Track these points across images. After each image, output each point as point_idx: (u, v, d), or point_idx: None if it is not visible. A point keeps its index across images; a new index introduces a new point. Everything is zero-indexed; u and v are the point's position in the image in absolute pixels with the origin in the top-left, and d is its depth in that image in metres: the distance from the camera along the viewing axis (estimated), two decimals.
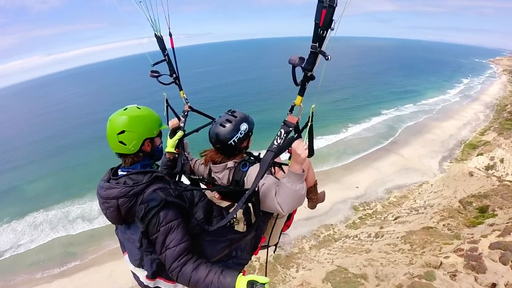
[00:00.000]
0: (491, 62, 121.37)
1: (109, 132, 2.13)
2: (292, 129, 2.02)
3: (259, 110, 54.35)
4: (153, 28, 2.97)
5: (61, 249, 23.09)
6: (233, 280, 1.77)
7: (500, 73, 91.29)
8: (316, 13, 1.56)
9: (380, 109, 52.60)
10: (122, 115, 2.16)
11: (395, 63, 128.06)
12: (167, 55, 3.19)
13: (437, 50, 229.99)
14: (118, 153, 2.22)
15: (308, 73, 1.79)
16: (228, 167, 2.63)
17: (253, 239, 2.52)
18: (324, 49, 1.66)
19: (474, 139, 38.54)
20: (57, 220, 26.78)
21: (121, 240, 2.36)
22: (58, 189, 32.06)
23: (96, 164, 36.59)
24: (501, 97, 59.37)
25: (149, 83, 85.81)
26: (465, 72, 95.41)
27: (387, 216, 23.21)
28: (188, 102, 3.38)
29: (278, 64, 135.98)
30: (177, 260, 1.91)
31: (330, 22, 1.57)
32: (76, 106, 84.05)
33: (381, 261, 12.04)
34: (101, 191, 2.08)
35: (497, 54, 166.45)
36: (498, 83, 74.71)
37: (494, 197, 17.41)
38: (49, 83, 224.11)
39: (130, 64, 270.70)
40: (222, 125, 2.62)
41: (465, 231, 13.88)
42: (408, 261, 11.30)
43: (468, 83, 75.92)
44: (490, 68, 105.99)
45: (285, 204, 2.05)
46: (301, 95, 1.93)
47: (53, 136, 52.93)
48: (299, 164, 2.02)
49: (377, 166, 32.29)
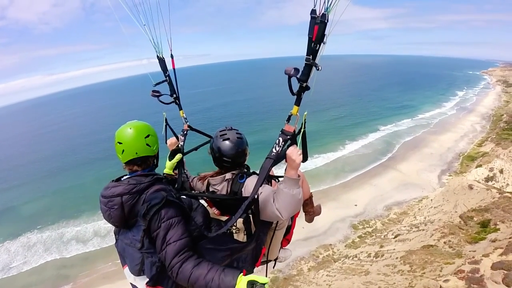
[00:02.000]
0: (484, 73, 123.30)
1: (133, 137, 2.29)
2: (289, 137, 2.06)
3: (256, 130, 54.30)
4: (155, 50, 3.07)
5: (54, 272, 22.77)
6: (234, 279, 1.76)
7: (494, 83, 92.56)
8: (310, 29, 1.66)
9: (377, 125, 52.63)
10: (141, 123, 2.39)
11: (391, 79, 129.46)
12: (168, 76, 3.27)
13: (432, 64, 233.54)
14: (139, 158, 2.34)
15: (303, 83, 1.86)
16: (227, 179, 2.66)
17: (254, 250, 2.54)
18: (317, 61, 1.75)
19: (472, 150, 38.29)
20: (51, 241, 26.45)
21: (121, 251, 2.33)
22: (53, 210, 31.70)
23: (91, 186, 36.23)
24: (497, 107, 59.72)
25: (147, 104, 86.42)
26: (460, 84, 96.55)
27: (387, 234, 22.61)
28: (187, 121, 3.44)
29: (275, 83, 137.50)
30: (177, 256, 1.93)
31: (323, 37, 1.67)
32: (74, 126, 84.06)
33: (379, 285, 11.38)
34: (105, 192, 2.16)
35: (490, 65, 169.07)
36: (492, 94, 75.49)
37: (495, 210, 16.88)
38: (49, 103, 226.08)
39: (129, 85, 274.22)
40: (236, 138, 2.71)
41: (466, 248, 13.27)
42: (408, 284, 10.65)
43: (463, 95, 76.71)
44: (484, 79, 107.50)
45: (284, 209, 2.11)
46: (297, 104, 1.99)
47: (50, 157, 52.80)
48: (294, 169, 2.08)
49: (376, 183, 31.81)
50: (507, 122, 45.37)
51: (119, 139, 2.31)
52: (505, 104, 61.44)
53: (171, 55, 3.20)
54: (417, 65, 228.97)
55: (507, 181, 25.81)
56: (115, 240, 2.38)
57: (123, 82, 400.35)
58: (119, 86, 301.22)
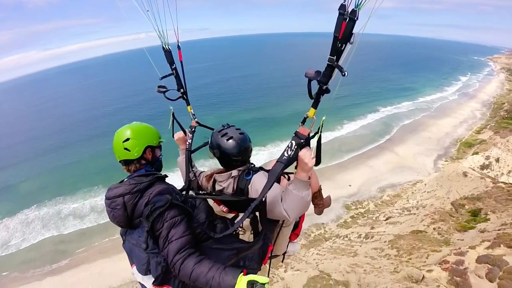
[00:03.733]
0: (489, 60, 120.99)
1: (115, 141, 2.40)
2: (303, 141, 2.00)
3: (253, 108, 54.34)
4: (161, 41, 2.94)
5: (52, 247, 23.13)
6: (234, 278, 1.75)
7: (498, 71, 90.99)
8: (336, 26, 1.52)
9: (377, 106, 52.19)
10: (127, 127, 2.44)
11: (394, 60, 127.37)
12: (175, 69, 3.15)
13: (436, 47, 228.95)
14: (123, 160, 2.43)
15: (323, 86, 1.78)
16: (233, 176, 2.62)
17: (261, 248, 2.57)
18: (341, 63, 1.64)
19: (470, 137, 38.19)
20: (48, 217, 26.77)
21: (128, 251, 2.37)
22: (50, 188, 31.80)
23: (89, 162, 36.65)
24: (498, 95, 58.99)
25: (145, 80, 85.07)
26: (463, 69, 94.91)
27: (379, 215, 22.85)
28: (195, 117, 3.36)
29: (275, 60, 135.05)
30: (179, 252, 1.95)
31: (350, 36, 1.54)
32: (71, 102, 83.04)
33: (365, 268, 11.48)
34: (108, 193, 2.22)
35: (496, 52, 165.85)
36: (495, 81, 74.41)
37: (488, 199, 16.91)
38: (45, 79, 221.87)
39: (127, 60, 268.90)
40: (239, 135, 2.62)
41: (455, 236, 13.36)
42: (393, 269, 10.74)
43: (466, 81, 75.49)
44: (488, 65, 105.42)
45: (292, 211, 2.10)
46: (314, 107, 1.93)
47: (46, 134, 52.24)
48: (305, 172, 2.04)
49: (371, 164, 31.93)
50: (507, 111, 45.00)
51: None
52: (508, 92, 60.74)
53: (178, 46, 3.07)
54: (421, 47, 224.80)
55: (502, 170, 25.85)
56: (123, 241, 2.42)
57: (120, 56, 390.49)
58: (116, 61, 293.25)
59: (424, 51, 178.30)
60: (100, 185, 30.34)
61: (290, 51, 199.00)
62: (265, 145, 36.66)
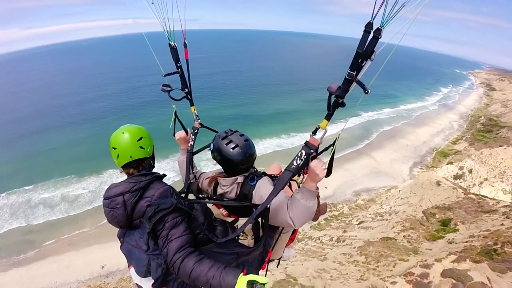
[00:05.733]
0: (470, 74, 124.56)
1: (126, 142, 2.30)
2: (313, 151, 1.99)
3: (237, 104, 54.02)
4: (168, 38, 2.81)
5: (19, 237, 22.33)
6: (235, 278, 1.72)
7: (478, 85, 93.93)
8: (360, 42, 1.55)
9: (359, 111, 52.37)
10: (133, 127, 2.39)
11: (378, 66, 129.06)
12: (180, 67, 3.03)
13: (422, 57, 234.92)
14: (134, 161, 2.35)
15: (339, 99, 1.79)
16: (238, 182, 2.58)
17: (261, 254, 2.59)
18: (360, 78, 1.67)
19: (446, 147, 38.99)
20: (18, 205, 25.77)
21: (126, 253, 2.31)
22: (22, 175, 30.39)
23: (63, 151, 35.40)
24: (476, 109, 60.83)
25: (129, 67, 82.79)
26: (445, 81, 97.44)
27: (352, 219, 22.86)
28: (199, 118, 3.24)
29: (263, 58, 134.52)
30: (179, 251, 1.93)
31: (372, 53, 1.58)
32: (51, 85, 79.26)
33: (332, 273, 11.25)
34: (107, 193, 2.19)
35: (477, 66, 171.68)
36: (474, 95, 76.70)
37: (458, 210, 17.07)
38: (25, 58, 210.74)
39: (112, 45, 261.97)
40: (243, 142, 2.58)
41: (424, 245, 13.33)
42: (359, 276, 10.55)
43: (447, 93, 77.57)
44: (469, 79, 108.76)
45: (298, 219, 2.09)
46: (327, 119, 1.94)
47: (22, 118, 49.78)
48: (315, 182, 2.03)
49: (348, 168, 31.95)
50: (483, 124, 46.34)
51: (113, 144, 2.32)
52: (485, 106, 62.64)
53: (184, 43, 2.95)
54: (407, 56, 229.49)
55: (474, 181, 26.33)
56: (120, 243, 2.37)
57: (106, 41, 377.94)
58: (101, 45, 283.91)
59: (410, 61, 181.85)
60: (73, 175, 29.28)
61: (280, 49, 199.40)
62: None
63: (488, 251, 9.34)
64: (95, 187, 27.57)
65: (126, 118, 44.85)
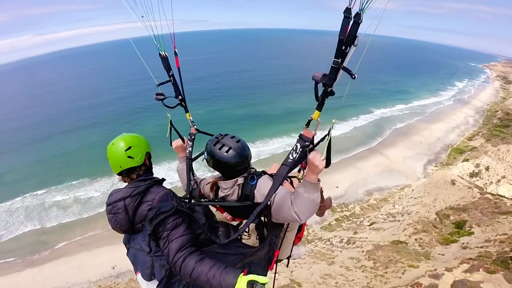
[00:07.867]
0: (485, 67, 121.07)
1: (115, 152, 2.39)
2: (308, 144, 2.02)
3: (245, 104, 53.75)
4: (157, 47, 2.93)
5: (34, 238, 22.84)
6: (235, 278, 1.74)
7: (494, 78, 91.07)
8: (341, 29, 1.57)
9: (371, 108, 51.62)
10: (123, 137, 2.47)
11: (391, 62, 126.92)
12: (172, 76, 3.12)
13: (434, 51, 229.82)
14: (126, 170, 2.42)
15: (328, 88, 1.82)
16: (238, 183, 2.60)
17: (267, 254, 2.59)
18: (345, 65, 1.68)
19: (462, 143, 37.85)
20: (32, 207, 26.37)
21: (132, 259, 2.34)
22: (36, 178, 30.97)
23: (76, 154, 36.17)
24: (492, 103, 58.80)
25: (139, 70, 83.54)
26: (460, 75, 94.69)
27: (363, 220, 22.41)
28: (194, 124, 3.32)
29: (271, 56, 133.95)
30: (180, 251, 1.96)
31: (354, 38, 1.58)
32: (63, 90, 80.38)
33: (338, 279, 10.89)
34: (109, 199, 2.28)
35: (492, 59, 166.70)
36: (490, 89, 74.34)
37: (474, 211, 16.41)
38: (38, 64, 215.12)
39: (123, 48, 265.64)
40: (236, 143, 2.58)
41: (436, 250, 12.77)
42: (366, 283, 10.15)
43: (462, 87, 75.27)
44: (484, 73, 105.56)
45: (303, 213, 2.09)
46: (319, 110, 1.97)
47: (35, 123, 50.63)
48: (315, 174, 2.03)
49: (360, 166, 31.42)
50: (500, 119, 44.70)
51: (106, 154, 2.42)
52: (502, 100, 60.52)
53: (174, 52, 3.04)
54: (419, 50, 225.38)
55: (491, 179, 25.41)
56: (127, 249, 2.41)
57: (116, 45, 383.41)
58: (112, 48, 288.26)
59: (422, 55, 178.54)
60: (85, 178, 29.85)
61: (288, 47, 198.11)
62: (253, 142, 36.00)
63: (504, 259, 8.78)
64: (106, 189, 27.97)
65: (136, 121, 45.77)
